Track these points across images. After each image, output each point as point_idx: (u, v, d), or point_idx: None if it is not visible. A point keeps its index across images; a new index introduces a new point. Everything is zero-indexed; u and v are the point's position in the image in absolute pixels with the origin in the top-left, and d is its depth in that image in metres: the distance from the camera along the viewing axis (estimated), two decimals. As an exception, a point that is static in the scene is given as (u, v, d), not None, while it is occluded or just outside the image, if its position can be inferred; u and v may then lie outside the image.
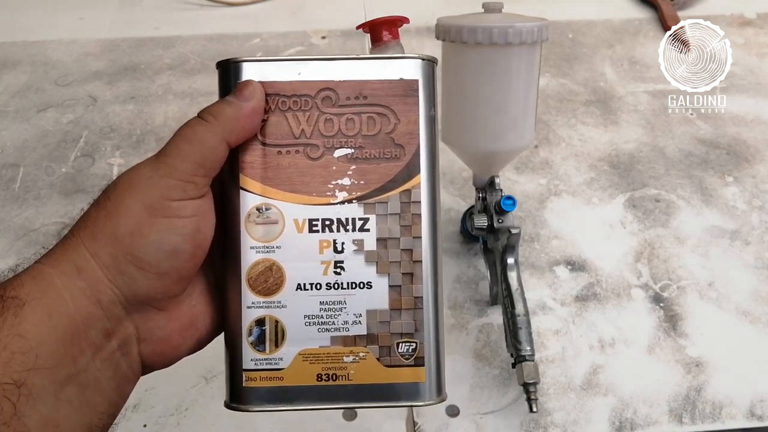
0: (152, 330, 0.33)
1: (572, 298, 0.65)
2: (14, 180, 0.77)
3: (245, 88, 0.34)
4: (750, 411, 0.56)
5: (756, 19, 1.05)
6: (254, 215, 0.34)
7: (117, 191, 0.32)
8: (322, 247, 0.35)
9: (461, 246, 0.69)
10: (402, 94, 0.35)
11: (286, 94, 0.35)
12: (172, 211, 0.31)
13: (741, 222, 0.73)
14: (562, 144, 0.82)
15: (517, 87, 0.55)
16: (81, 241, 0.31)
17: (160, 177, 0.31)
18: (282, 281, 0.35)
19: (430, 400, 0.35)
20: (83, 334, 0.30)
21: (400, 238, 0.35)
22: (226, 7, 1.07)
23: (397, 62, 0.35)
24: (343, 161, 0.35)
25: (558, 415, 0.56)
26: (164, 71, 0.94)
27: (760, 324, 0.63)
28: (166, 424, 0.55)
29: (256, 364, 0.35)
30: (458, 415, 0.56)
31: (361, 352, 0.35)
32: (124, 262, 0.31)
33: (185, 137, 0.32)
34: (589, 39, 1.00)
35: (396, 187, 0.35)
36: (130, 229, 0.31)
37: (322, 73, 0.35)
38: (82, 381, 0.30)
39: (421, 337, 0.35)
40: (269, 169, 0.34)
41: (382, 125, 0.35)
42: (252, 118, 0.34)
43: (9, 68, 0.94)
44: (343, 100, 0.35)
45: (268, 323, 0.35)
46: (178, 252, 0.32)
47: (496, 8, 0.55)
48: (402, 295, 0.35)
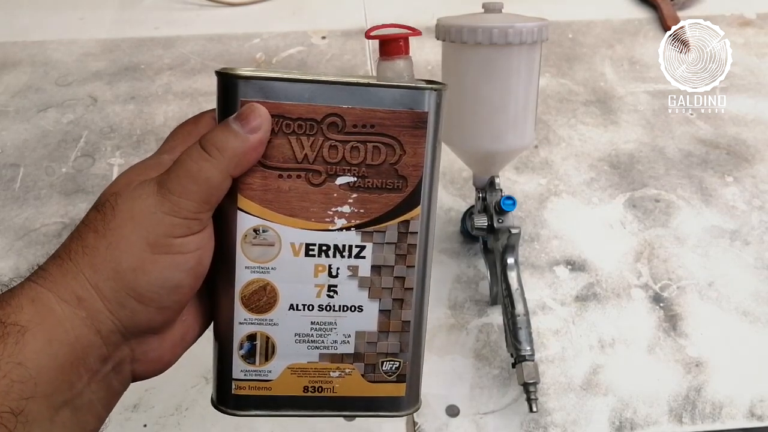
0: (146, 352, 0.33)
1: (572, 298, 0.65)
2: (14, 180, 0.77)
3: (252, 117, 0.32)
4: (750, 411, 0.56)
5: (756, 19, 1.05)
6: (251, 236, 0.34)
7: (117, 221, 0.31)
8: (317, 270, 0.35)
9: (461, 246, 0.69)
10: (411, 125, 0.34)
11: (292, 117, 0.33)
12: (175, 248, 0.31)
13: (741, 222, 0.73)
14: (562, 144, 0.82)
15: (517, 87, 0.55)
16: (80, 270, 0.30)
17: (164, 215, 0.31)
18: (275, 300, 0.35)
19: (407, 411, 0.37)
20: (82, 362, 0.30)
21: (394, 266, 0.35)
22: (226, 7, 1.07)
23: (409, 92, 0.34)
24: (345, 189, 0.34)
25: (558, 415, 0.56)
26: (164, 71, 0.94)
27: (760, 324, 0.63)
28: (166, 424, 0.55)
29: (246, 375, 0.36)
30: (458, 415, 0.56)
31: (347, 369, 0.36)
32: (126, 297, 0.31)
33: (190, 175, 0.31)
34: (589, 39, 1.00)
35: (395, 217, 0.35)
36: (132, 265, 0.31)
37: (331, 99, 0.33)
38: (76, 404, 0.30)
39: (405, 357, 0.37)
40: (269, 191, 0.34)
41: (387, 155, 0.34)
42: (258, 150, 0.32)
43: (9, 68, 0.94)
44: (350, 128, 0.34)
45: (259, 339, 0.35)
46: (180, 287, 0.32)
47: (496, 8, 0.55)
48: (391, 319, 0.36)
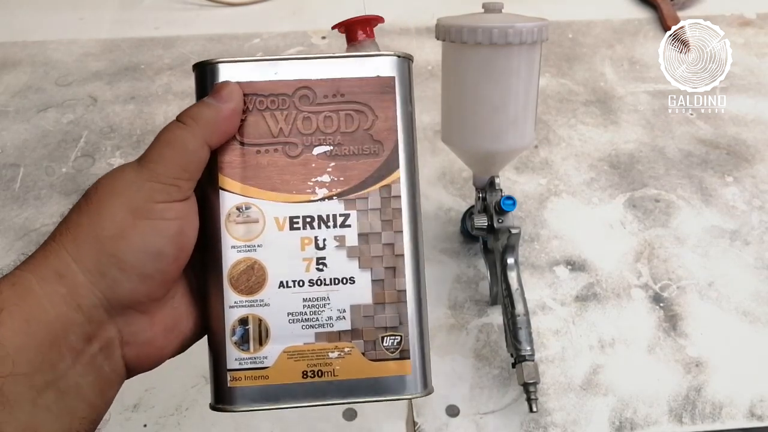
0: (136, 333, 0.33)
1: (572, 298, 0.65)
2: (14, 180, 0.77)
3: (223, 89, 0.34)
4: (750, 411, 0.56)
5: (756, 19, 1.05)
6: (234, 215, 0.34)
7: (98, 195, 0.32)
8: (303, 244, 0.35)
9: (461, 246, 0.69)
10: (379, 91, 0.35)
11: (264, 93, 0.35)
12: (156, 214, 0.31)
13: (741, 222, 0.73)
14: (562, 144, 0.82)
15: (517, 87, 0.55)
16: (63, 246, 0.31)
17: (144, 181, 0.31)
18: (264, 280, 0.35)
19: (416, 393, 0.35)
20: (63, 340, 0.30)
21: (381, 233, 0.35)
22: (226, 7, 1.07)
23: (373, 60, 0.36)
24: (323, 158, 0.35)
25: (558, 415, 0.56)
26: (164, 71, 0.94)
27: (760, 324, 0.63)
28: (166, 424, 0.55)
29: (241, 364, 0.35)
30: (458, 415, 0.56)
31: (346, 348, 0.35)
32: (108, 264, 0.31)
33: (167, 142, 0.32)
34: (589, 39, 1.00)
35: (376, 183, 0.35)
36: (114, 231, 0.31)
37: (299, 72, 0.35)
38: (61, 387, 0.29)
39: (406, 330, 0.35)
40: (248, 168, 0.34)
41: (360, 122, 0.35)
42: (231, 119, 0.34)
43: (9, 68, 0.94)
44: (321, 98, 0.35)
45: (252, 322, 0.35)
46: (162, 254, 0.32)
47: (496, 8, 0.55)
48: (385, 289, 0.35)
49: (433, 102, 0.87)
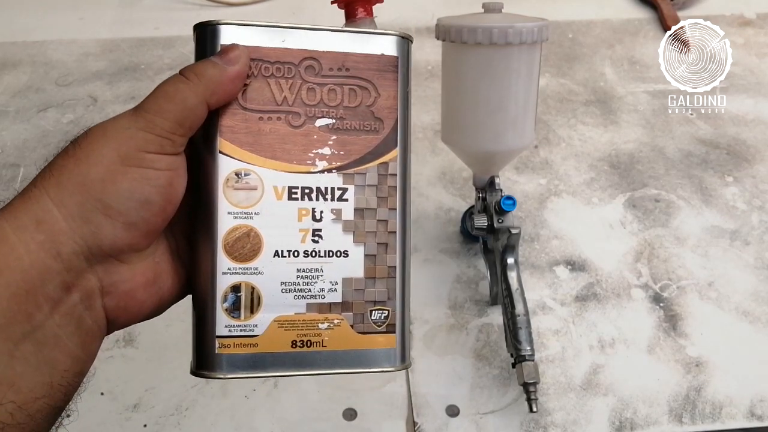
0: (116, 283, 0.32)
1: (572, 298, 0.65)
2: (14, 180, 0.77)
3: (231, 51, 0.33)
4: (750, 411, 0.56)
5: (756, 19, 1.05)
6: (233, 180, 0.34)
7: (89, 139, 0.31)
8: (300, 214, 0.35)
9: (461, 246, 0.69)
10: (383, 69, 0.36)
11: (270, 60, 0.35)
12: (146, 162, 0.31)
13: (741, 222, 0.73)
14: (562, 144, 0.82)
15: (517, 87, 0.55)
16: (45, 191, 0.30)
17: (138, 129, 0.31)
18: (259, 248, 0.35)
19: (397, 366, 0.36)
20: (39, 289, 0.29)
21: (376, 209, 0.36)
22: (226, 7, 1.07)
23: (379, 38, 0.36)
24: (324, 131, 0.35)
25: (558, 415, 0.56)
26: (164, 71, 0.94)
27: (760, 324, 0.63)
28: (166, 424, 0.55)
29: (230, 331, 0.34)
30: (458, 415, 0.56)
31: (335, 319, 0.35)
32: (92, 209, 0.30)
33: (166, 94, 0.32)
34: (589, 39, 1.00)
35: (374, 159, 0.36)
36: (101, 175, 0.30)
37: (306, 43, 0.35)
38: (39, 338, 0.29)
39: (393, 305, 0.36)
40: (250, 134, 0.34)
41: (363, 98, 0.36)
42: (235, 82, 0.33)
43: (9, 68, 0.94)
44: (326, 71, 0.35)
45: (244, 289, 0.34)
46: (149, 203, 0.31)
47: (496, 8, 0.55)
48: (377, 264, 0.36)
49: (433, 102, 0.88)
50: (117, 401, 0.56)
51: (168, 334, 0.60)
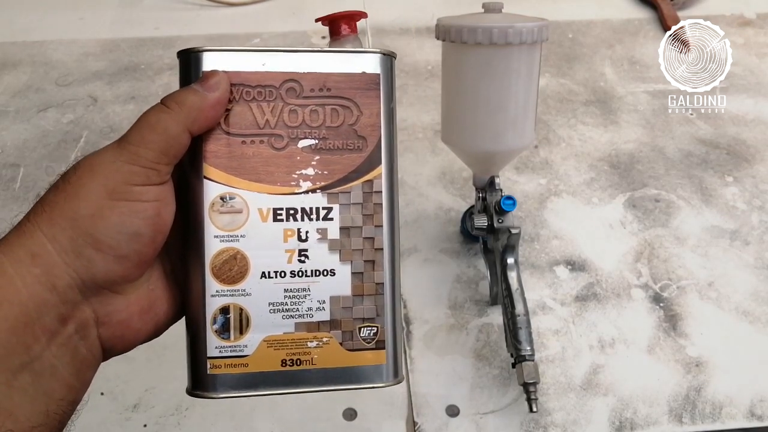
0: (111, 314, 0.32)
1: (572, 298, 0.65)
2: (14, 180, 0.77)
3: (211, 77, 0.34)
4: (750, 411, 0.56)
5: (756, 19, 1.05)
6: (218, 204, 0.35)
7: (77, 175, 0.32)
8: (286, 235, 0.35)
9: (461, 246, 0.69)
10: (364, 87, 0.36)
11: (251, 84, 0.35)
12: (133, 195, 0.31)
13: (741, 222, 0.73)
14: (562, 144, 0.82)
15: (517, 87, 0.55)
16: (38, 227, 0.31)
17: (123, 162, 0.31)
18: (246, 270, 0.35)
19: (388, 382, 0.37)
20: (37, 322, 0.29)
21: (362, 227, 0.36)
22: (226, 7, 1.07)
23: (360, 56, 0.36)
24: (307, 151, 0.35)
25: (558, 415, 0.56)
26: (164, 71, 0.94)
27: (760, 324, 0.63)
28: (166, 424, 0.55)
29: (221, 352, 0.35)
30: (458, 415, 0.56)
31: (324, 338, 0.36)
32: (83, 244, 0.30)
33: (149, 125, 0.32)
34: (589, 39, 1.00)
35: (359, 178, 0.36)
36: (91, 211, 0.31)
37: (287, 65, 0.35)
38: (36, 368, 0.29)
39: (382, 321, 0.36)
40: (234, 158, 0.35)
41: (345, 117, 0.36)
42: (216, 108, 0.34)
43: (9, 68, 0.94)
44: (308, 92, 0.35)
45: (233, 311, 0.35)
46: (138, 235, 0.32)
47: (496, 8, 0.55)
48: (364, 282, 0.36)
49: (433, 102, 0.88)
50: (117, 401, 0.56)
51: (168, 334, 0.59)
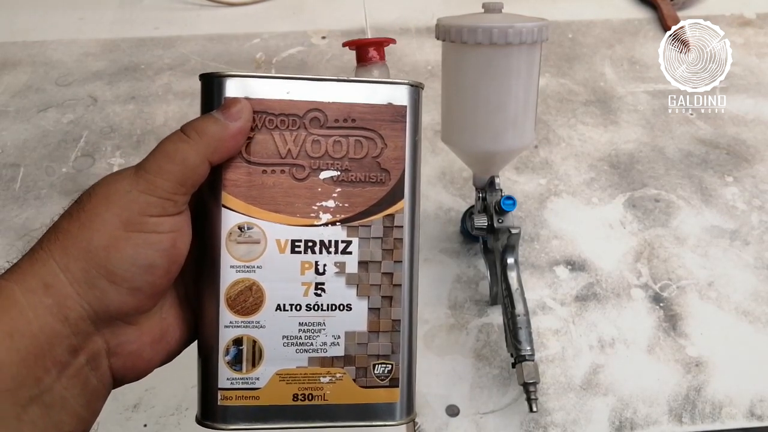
0: (123, 344, 0.32)
1: (572, 298, 0.65)
2: (14, 180, 0.77)
3: (233, 105, 0.33)
4: (750, 411, 0.56)
5: (756, 19, 1.05)
6: (236, 234, 0.34)
7: (92, 203, 0.31)
8: (303, 268, 0.34)
9: (461, 246, 0.69)
10: (390, 119, 0.35)
11: (274, 112, 0.34)
12: (149, 227, 0.31)
13: (741, 222, 0.73)
14: (562, 144, 0.82)
15: (517, 87, 0.55)
16: (51, 255, 0.30)
17: (139, 193, 0.31)
18: (262, 301, 0.34)
19: (401, 420, 0.36)
20: (48, 353, 0.29)
21: (381, 262, 0.35)
22: (226, 7, 1.07)
23: (387, 87, 0.35)
24: (329, 183, 0.34)
25: (558, 415, 0.56)
26: (164, 71, 0.94)
27: (760, 324, 0.63)
28: (166, 424, 0.55)
29: (232, 383, 0.34)
30: (458, 415, 0.56)
31: (337, 373, 0.35)
32: (97, 276, 0.30)
33: (167, 154, 0.31)
34: (589, 39, 1.00)
35: (380, 211, 0.35)
36: (105, 242, 0.30)
37: (312, 94, 0.34)
38: (46, 401, 0.29)
39: (397, 359, 0.36)
40: (253, 187, 0.34)
41: (369, 149, 0.35)
42: (237, 138, 0.33)
43: (9, 68, 0.94)
44: (332, 122, 0.34)
45: (246, 343, 0.34)
46: (153, 267, 0.31)
47: (496, 8, 0.55)
48: (380, 318, 0.35)
49: (433, 102, 0.87)
50: (117, 401, 0.56)
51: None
